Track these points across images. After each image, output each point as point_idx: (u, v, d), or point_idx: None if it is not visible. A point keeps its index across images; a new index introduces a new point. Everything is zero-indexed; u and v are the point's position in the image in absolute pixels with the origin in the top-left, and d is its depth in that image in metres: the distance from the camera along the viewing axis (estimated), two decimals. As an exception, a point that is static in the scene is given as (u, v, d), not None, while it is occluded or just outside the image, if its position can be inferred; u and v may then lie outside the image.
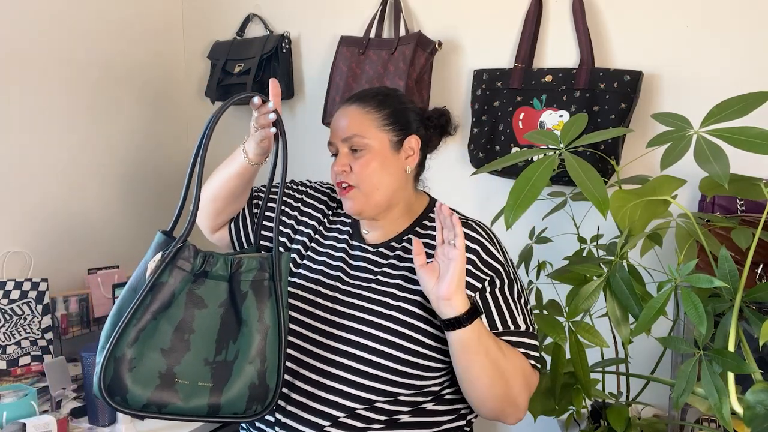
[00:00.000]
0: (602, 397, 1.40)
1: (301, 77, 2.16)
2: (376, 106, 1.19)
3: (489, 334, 1.05)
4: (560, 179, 1.59)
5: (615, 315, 1.20)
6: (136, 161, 2.21)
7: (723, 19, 1.52)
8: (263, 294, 0.99)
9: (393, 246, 1.19)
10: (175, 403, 0.91)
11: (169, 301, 0.94)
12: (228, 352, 0.96)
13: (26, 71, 1.85)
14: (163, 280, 0.94)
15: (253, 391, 0.95)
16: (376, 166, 1.15)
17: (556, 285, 1.44)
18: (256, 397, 0.96)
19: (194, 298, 0.96)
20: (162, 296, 0.94)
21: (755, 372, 1.05)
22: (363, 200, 1.16)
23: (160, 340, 0.93)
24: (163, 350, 0.92)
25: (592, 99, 1.61)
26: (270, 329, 0.98)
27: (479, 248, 1.13)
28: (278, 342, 0.99)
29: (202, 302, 0.96)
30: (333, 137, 1.20)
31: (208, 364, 0.94)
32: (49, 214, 1.93)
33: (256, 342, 0.97)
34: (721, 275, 1.07)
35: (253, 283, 0.99)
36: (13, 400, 1.45)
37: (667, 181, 1.24)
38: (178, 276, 0.95)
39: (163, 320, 0.94)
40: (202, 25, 2.33)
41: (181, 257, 0.96)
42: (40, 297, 1.79)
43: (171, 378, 0.91)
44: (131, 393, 0.90)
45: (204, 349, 0.95)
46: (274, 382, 0.98)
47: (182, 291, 0.95)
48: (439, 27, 1.88)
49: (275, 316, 0.99)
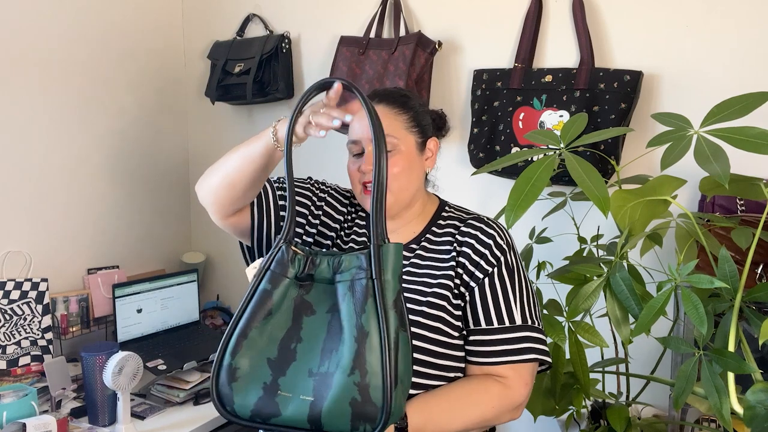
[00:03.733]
0: (602, 397, 1.40)
1: (301, 77, 2.16)
2: (402, 107, 1.19)
3: (438, 410, 1.05)
4: (560, 179, 1.59)
5: (615, 315, 1.20)
6: (137, 161, 2.21)
7: (723, 19, 1.52)
8: (361, 295, 0.88)
9: (412, 247, 1.20)
10: (278, 415, 0.86)
11: (273, 308, 0.89)
12: (331, 363, 0.87)
13: (26, 71, 1.85)
14: (264, 287, 0.90)
15: (356, 409, 0.83)
16: (405, 166, 1.16)
17: (556, 285, 1.44)
18: (362, 416, 0.84)
19: (303, 304, 0.90)
20: (264, 304, 0.89)
21: (755, 372, 1.05)
22: (391, 200, 1.16)
23: (266, 350, 0.88)
24: (269, 360, 0.87)
25: (592, 99, 1.61)
26: (369, 335, 0.85)
27: (491, 242, 1.14)
28: (381, 349, 0.85)
29: (310, 308, 0.90)
30: (358, 135, 1.17)
31: (312, 375, 0.86)
32: (49, 214, 1.93)
33: (353, 350, 0.85)
34: (721, 275, 1.07)
35: (351, 284, 0.89)
36: (13, 400, 1.45)
37: (667, 181, 1.24)
38: (279, 282, 0.90)
39: (269, 328, 0.88)
40: (202, 25, 2.33)
41: (280, 263, 0.90)
42: (40, 297, 1.79)
43: (274, 389, 0.86)
44: (237, 403, 0.87)
45: (310, 359, 0.87)
46: (380, 398, 0.83)
47: (286, 297, 0.90)
48: (439, 27, 1.88)
49: (377, 320, 0.86)
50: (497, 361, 1.10)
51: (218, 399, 0.88)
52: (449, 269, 1.14)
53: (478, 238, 1.14)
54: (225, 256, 2.40)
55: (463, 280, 1.13)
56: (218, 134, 2.36)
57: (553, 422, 1.58)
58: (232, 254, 2.36)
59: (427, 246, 1.18)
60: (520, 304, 1.13)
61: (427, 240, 1.19)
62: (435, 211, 1.24)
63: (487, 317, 1.11)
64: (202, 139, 2.39)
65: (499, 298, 1.12)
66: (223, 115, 2.33)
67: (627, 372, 1.40)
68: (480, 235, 1.15)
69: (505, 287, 1.13)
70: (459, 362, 1.13)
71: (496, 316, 1.11)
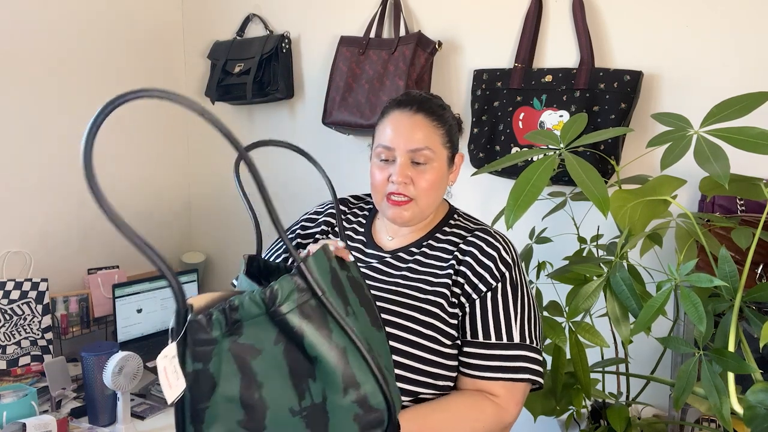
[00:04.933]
0: (602, 397, 1.40)
1: (301, 77, 2.16)
2: (439, 120, 1.17)
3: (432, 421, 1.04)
4: (560, 179, 1.59)
5: (615, 315, 1.20)
6: (136, 161, 2.21)
7: (723, 19, 1.52)
8: (317, 317, 0.77)
9: (412, 251, 1.19)
10: None
11: (215, 380, 0.74)
12: (313, 394, 0.77)
13: (26, 71, 1.85)
14: (194, 369, 0.73)
15: (362, 422, 0.79)
16: (437, 182, 1.16)
17: (556, 285, 1.44)
18: (370, 425, 0.80)
19: (242, 350, 0.75)
20: (205, 383, 0.74)
21: (755, 372, 1.05)
22: (417, 212, 1.16)
23: (231, 416, 0.74)
24: (239, 422, 0.74)
25: (592, 99, 1.61)
26: (347, 349, 0.78)
27: (496, 255, 1.14)
28: (362, 357, 0.79)
29: (252, 349, 0.76)
30: (394, 143, 1.14)
31: (296, 414, 0.76)
32: (49, 214, 1.93)
33: (339, 371, 0.77)
34: (721, 275, 1.07)
35: (300, 311, 0.76)
36: (13, 400, 1.45)
37: (667, 181, 1.24)
38: (209, 353, 0.74)
39: (218, 399, 0.74)
40: (202, 25, 2.33)
41: (197, 336, 0.74)
42: (40, 297, 1.79)
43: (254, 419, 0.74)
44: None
45: (284, 399, 0.76)
46: (381, 401, 0.79)
47: (222, 356, 0.74)
48: (439, 27, 1.88)
49: (342, 332, 0.78)
50: (490, 376, 1.09)
51: None
52: (446, 277, 1.13)
53: (483, 250, 1.13)
54: (225, 256, 2.41)
55: (464, 290, 1.12)
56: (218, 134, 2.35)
57: (553, 422, 1.58)
58: (232, 254, 2.36)
59: (427, 252, 1.18)
60: (520, 322, 1.12)
61: (428, 246, 1.19)
62: (442, 218, 1.24)
63: (485, 331, 1.10)
64: (202, 139, 2.39)
65: (499, 314, 1.11)
66: (223, 115, 2.34)
67: (627, 372, 1.40)
68: (485, 247, 1.14)
69: (507, 303, 1.12)
70: (449, 371, 1.11)
71: (495, 331, 1.10)
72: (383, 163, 1.16)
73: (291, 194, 2.22)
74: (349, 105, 1.89)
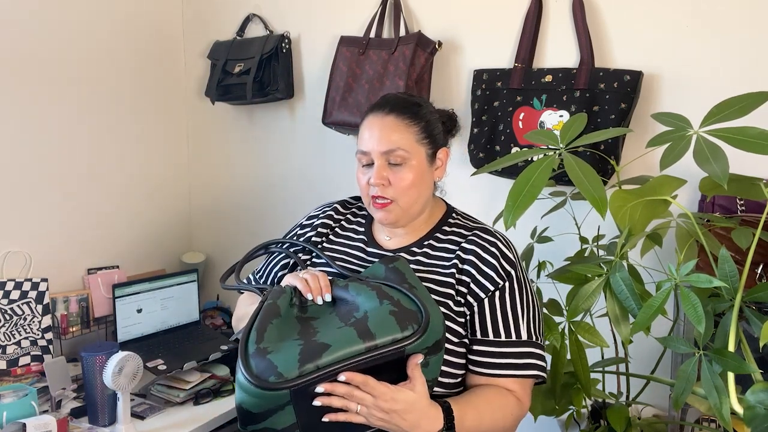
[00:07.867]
0: (602, 397, 1.40)
1: (301, 77, 2.16)
2: (413, 118, 1.17)
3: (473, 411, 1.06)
4: (561, 179, 1.59)
5: (615, 315, 1.20)
6: (136, 161, 2.21)
7: (723, 19, 1.52)
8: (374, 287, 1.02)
9: (414, 251, 1.19)
10: (328, 347, 0.91)
11: (281, 312, 1.01)
12: (358, 316, 0.98)
13: (26, 71, 1.85)
14: (269, 302, 1.03)
15: (398, 316, 0.95)
16: (415, 180, 1.15)
17: (557, 285, 1.44)
18: (405, 318, 0.95)
19: (305, 317, 1.02)
20: (272, 311, 1.01)
21: (755, 372, 1.05)
22: (400, 213, 1.17)
23: (289, 331, 0.97)
24: (296, 333, 0.97)
25: (592, 99, 1.61)
26: (387, 290, 1.01)
27: (498, 253, 1.14)
28: (398, 290, 1.02)
29: (312, 317, 1.03)
30: (368, 147, 1.16)
31: (347, 325, 0.96)
32: (49, 214, 1.93)
33: (375, 294, 1.00)
34: (721, 275, 1.07)
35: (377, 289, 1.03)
36: (13, 400, 1.45)
37: (667, 181, 1.24)
38: (279, 295, 1.04)
39: (281, 327, 0.99)
40: (202, 25, 2.33)
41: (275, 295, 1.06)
42: (40, 297, 1.79)
43: (312, 336, 0.95)
44: (281, 366, 0.89)
45: (332, 324, 0.97)
46: (413, 303, 0.99)
47: (289, 311, 1.03)
48: (439, 27, 1.88)
49: (395, 289, 1.02)
50: (504, 373, 1.11)
51: (257, 378, 0.89)
52: (450, 276, 1.14)
53: (486, 249, 1.14)
54: (225, 256, 2.40)
55: (470, 289, 1.13)
56: (218, 134, 2.36)
57: (553, 422, 1.58)
58: (232, 254, 2.36)
59: (429, 252, 1.18)
60: (527, 319, 1.14)
61: (430, 246, 1.19)
62: (441, 217, 1.24)
63: (495, 329, 1.12)
64: (202, 139, 2.39)
65: (507, 313, 1.12)
66: (223, 115, 2.34)
67: (627, 372, 1.40)
68: (487, 245, 1.15)
69: (514, 302, 1.13)
70: (457, 369, 1.12)
71: (504, 329, 1.12)
72: (365, 168, 1.18)
73: (291, 193, 2.22)
74: (349, 105, 1.89)
